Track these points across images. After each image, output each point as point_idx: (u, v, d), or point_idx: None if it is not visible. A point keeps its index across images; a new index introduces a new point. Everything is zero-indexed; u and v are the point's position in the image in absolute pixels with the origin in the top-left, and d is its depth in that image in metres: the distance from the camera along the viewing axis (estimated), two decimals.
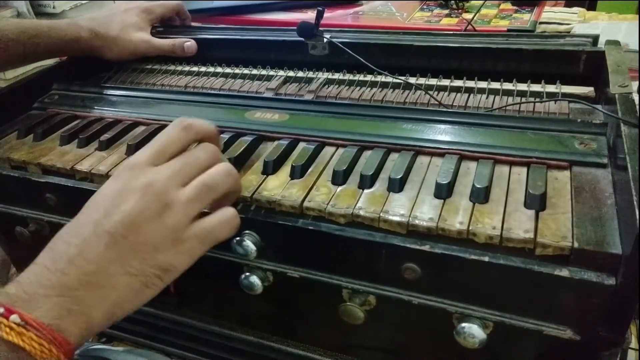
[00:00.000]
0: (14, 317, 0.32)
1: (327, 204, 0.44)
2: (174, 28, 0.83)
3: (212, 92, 0.67)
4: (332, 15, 1.03)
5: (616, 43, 0.61)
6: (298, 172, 0.48)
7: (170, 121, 0.58)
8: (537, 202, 0.41)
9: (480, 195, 0.42)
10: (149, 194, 0.38)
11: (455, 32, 0.74)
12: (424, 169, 0.47)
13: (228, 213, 0.41)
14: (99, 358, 0.56)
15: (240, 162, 0.51)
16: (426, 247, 0.41)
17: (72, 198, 0.54)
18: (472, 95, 0.60)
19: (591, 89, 0.58)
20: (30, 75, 0.72)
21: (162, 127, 0.58)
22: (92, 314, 0.35)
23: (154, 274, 0.37)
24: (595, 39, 0.63)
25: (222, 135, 0.55)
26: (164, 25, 0.83)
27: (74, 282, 0.35)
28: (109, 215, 0.37)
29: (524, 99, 0.57)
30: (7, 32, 0.67)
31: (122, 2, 0.79)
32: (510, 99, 0.58)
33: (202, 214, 0.40)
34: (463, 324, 0.42)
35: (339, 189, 0.46)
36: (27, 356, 0.32)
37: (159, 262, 0.37)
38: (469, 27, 0.87)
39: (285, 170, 0.49)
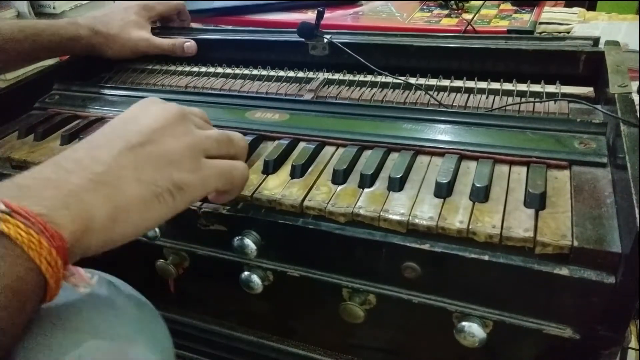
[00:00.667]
0: None
1: (327, 203, 0.44)
2: (174, 29, 0.83)
3: (213, 92, 0.67)
4: (332, 16, 1.04)
5: (616, 43, 0.61)
6: (298, 172, 0.48)
7: None
8: (537, 201, 0.41)
9: (480, 195, 0.42)
10: (171, 114, 0.38)
11: (455, 32, 0.75)
12: (424, 168, 0.47)
13: (242, 163, 0.43)
14: None
15: None
16: (426, 246, 0.41)
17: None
18: (472, 95, 0.60)
19: (591, 89, 0.58)
20: (31, 75, 0.73)
21: None
22: (93, 213, 0.31)
23: (167, 188, 0.35)
24: (595, 41, 0.63)
25: None
26: (164, 27, 0.84)
27: (77, 179, 0.32)
28: (127, 126, 0.36)
29: (523, 99, 0.57)
30: (5, 33, 0.67)
31: (122, 2, 0.79)
32: (510, 99, 0.58)
33: None
34: (463, 323, 0.42)
35: (339, 188, 0.46)
36: (12, 246, 0.28)
37: (173, 177, 0.36)
38: (469, 27, 0.88)
39: (286, 169, 0.49)
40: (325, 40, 0.69)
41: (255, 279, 0.49)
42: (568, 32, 0.95)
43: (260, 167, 0.50)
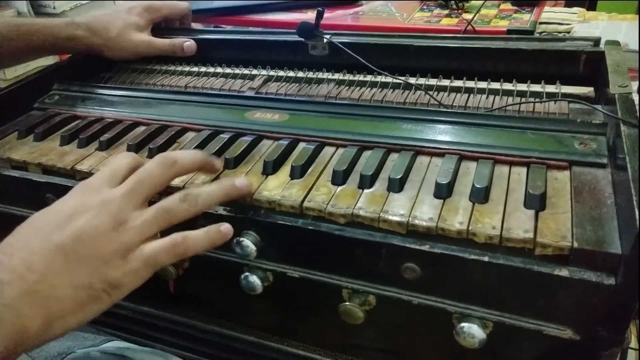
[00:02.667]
0: None
1: (327, 204, 0.44)
2: (173, 30, 0.83)
3: (212, 92, 0.67)
4: (332, 16, 1.03)
5: (616, 43, 0.61)
6: (298, 172, 0.48)
7: (170, 121, 0.59)
8: (537, 202, 0.41)
9: (480, 195, 0.42)
10: (105, 211, 0.38)
11: (455, 33, 0.75)
12: (424, 169, 0.47)
13: (175, 239, 0.40)
14: (118, 356, 0.56)
15: (240, 162, 0.51)
16: (426, 247, 0.41)
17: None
18: (472, 95, 0.60)
19: (591, 89, 0.58)
20: (31, 75, 0.72)
21: (162, 127, 0.59)
22: (27, 323, 0.33)
23: (102, 288, 0.36)
24: (596, 41, 0.62)
25: (222, 135, 0.55)
26: (165, 27, 0.83)
27: (11, 292, 0.33)
28: (61, 229, 0.36)
29: (523, 99, 0.57)
30: (1, 30, 0.67)
31: (123, 2, 0.78)
32: (510, 99, 0.58)
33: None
34: (463, 324, 0.42)
35: (339, 189, 0.46)
36: None
37: (108, 278, 0.37)
38: (469, 27, 0.87)
39: (285, 170, 0.49)
40: (325, 40, 0.69)
41: (255, 279, 0.49)
42: (568, 32, 0.95)
43: (259, 168, 0.50)
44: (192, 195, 0.42)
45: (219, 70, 0.73)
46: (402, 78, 0.63)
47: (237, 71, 0.72)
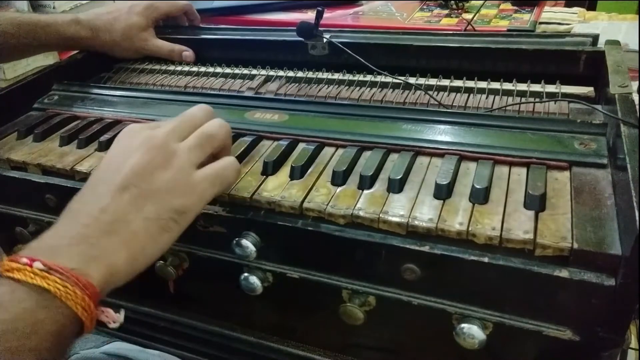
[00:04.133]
0: (37, 264, 0.33)
1: (327, 204, 0.44)
2: (178, 28, 0.83)
3: (212, 92, 0.67)
4: (332, 16, 1.03)
5: (616, 43, 0.61)
6: (298, 173, 0.48)
7: None
8: (537, 203, 0.41)
9: (480, 196, 0.42)
10: (152, 147, 0.41)
11: (455, 32, 0.74)
12: (424, 169, 0.47)
13: (230, 159, 0.45)
14: (119, 357, 0.56)
15: (240, 163, 0.51)
16: (426, 248, 0.41)
17: (72, 199, 0.54)
18: (471, 95, 0.59)
19: (591, 89, 0.58)
20: (30, 75, 0.72)
21: None
22: (114, 259, 0.36)
23: (170, 217, 0.39)
24: (595, 38, 0.63)
25: None
26: (171, 25, 0.83)
27: (94, 232, 0.36)
28: (118, 171, 0.39)
29: (523, 99, 0.57)
30: (3, 26, 0.67)
31: (126, 1, 0.78)
32: (510, 99, 0.58)
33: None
34: (463, 325, 0.42)
35: (339, 189, 0.46)
36: (52, 298, 0.33)
37: (173, 206, 0.39)
38: (469, 27, 0.87)
39: (285, 170, 0.49)
40: (325, 40, 0.69)
41: (255, 280, 0.49)
42: (568, 32, 0.95)
43: (259, 169, 0.50)
44: (226, 123, 0.46)
45: (219, 70, 0.73)
46: (402, 78, 0.63)
47: (237, 71, 0.72)
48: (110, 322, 0.38)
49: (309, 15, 1.02)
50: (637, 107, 0.47)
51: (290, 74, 0.68)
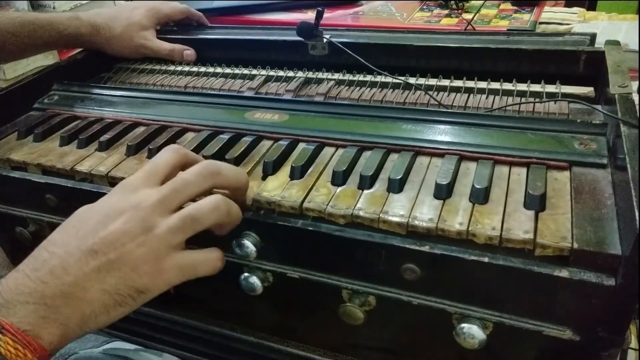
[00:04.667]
0: None
1: (327, 204, 0.44)
2: (179, 28, 0.83)
3: (212, 92, 0.67)
4: (332, 16, 1.03)
5: (616, 43, 0.61)
6: (298, 173, 0.48)
7: (170, 121, 0.59)
8: (537, 203, 0.41)
9: (480, 196, 0.42)
10: (135, 217, 0.38)
11: (455, 32, 0.75)
12: (424, 169, 0.47)
13: (213, 254, 0.43)
14: (119, 357, 0.56)
15: (240, 163, 0.51)
16: (426, 248, 0.41)
17: (72, 199, 0.54)
18: (471, 95, 0.60)
19: (591, 89, 0.58)
20: (30, 75, 0.72)
21: (162, 127, 0.59)
22: (66, 323, 0.36)
23: (128, 294, 0.38)
24: (593, 36, 0.63)
25: (221, 135, 0.55)
26: (173, 25, 0.83)
27: (51, 291, 0.36)
28: (96, 232, 0.38)
29: (523, 99, 0.57)
30: (4, 25, 0.67)
31: (123, 2, 0.79)
32: (510, 99, 0.58)
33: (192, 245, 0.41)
34: (463, 325, 0.42)
35: (339, 189, 0.46)
36: (3, 359, 0.33)
37: (135, 284, 0.38)
38: (469, 27, 0.87)
39: (285, 170, 0.49)
40: (325, 40, 0.69)
41: (255, 280, 0.49)
42: (568, 32, 0.95)
43: (259, 169, 0.50)
44: (224, 205, 0.41)
45: (219, 70, 0.73)
46: (402, 78, 0.63)
47: (237, 71, 0.72)
48: None
49: (309, 15, 1.02)
50: (637, 107, 0.47)
51: (291, 74, 0.68)
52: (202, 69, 0.74)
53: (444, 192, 0.43)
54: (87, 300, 0.37)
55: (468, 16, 0.94)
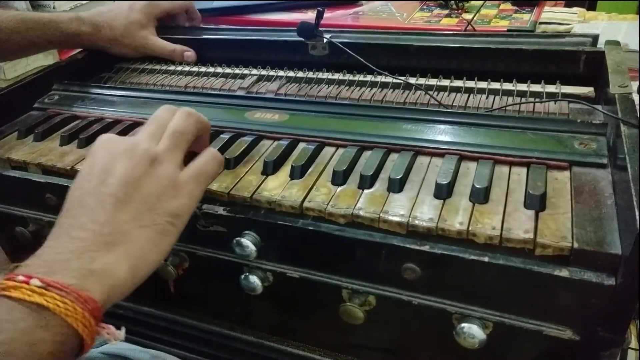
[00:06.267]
0: (34, 281, 0.32)
1: (327, 204, 0.44)
2: (179, 28, 0.83)
3: (212, 92, 0.67)
4: (332, 16, 1.03)
5: (616, 43, 0.61)
6: (298, 173, 0.48)
7: None
8: (537, 203, 0.41)
9: (480, 196, 0.42)
10: (136, 154, 0.40)
11: (455, 32, 0.75)
12: (424, 169, 0.47)
13: (209, 153, 0.45)
14: (119, 357, 0.56)
15: (240, 162, 0.51)
16: (426, 248, 0.41)
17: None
18: (472, 95, 0.60)
19: (591, 89, 0.58)
20: (30, 75, 0.72)
21: None
22: (114, 271, 0.35)
23: (166, 220, 0.39)
24: (594, 38, 0.63)
25: (222, 135, 0.55)
26: (171, 26, 0.83)
27: (91, 246, 0.35)
28: (106, 180, 0.39)
29: (523, 99, 0.57)
30: (6, 23, 0.67)
31: (124, 2, 0.79)
32: (510, 99, 0.58)
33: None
34: (463, 324, 0.42)
35: (339, 189, 0.46)
36: (51, 316, 0.32)
37: (166, 209, 0.39)
38: (469, 27, 0.87)
39: (285, 170, 0.49)
40: (325, 40, 0.69)
41: (255, 280, 0.49)
42: (568, 32, 0.95)
43: (259, 168, 0.50)
44: (193, 112, 0.45)
45: (219, 70, 0.73)
46: (402, 78, 0.63)
47: (237, 71, 0.72)
48: (111, 339, 0.36)
49: (309, 15, 1.02)
50: (637, 107, 0.47)
51: (291, 74, 0.68)
52: (203, 69, 0.74)
53: (444, 192, 0.43)
54: (130, 241, 0.37)
55: (468, 16, 0.94)
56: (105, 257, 0.35)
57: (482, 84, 0.61)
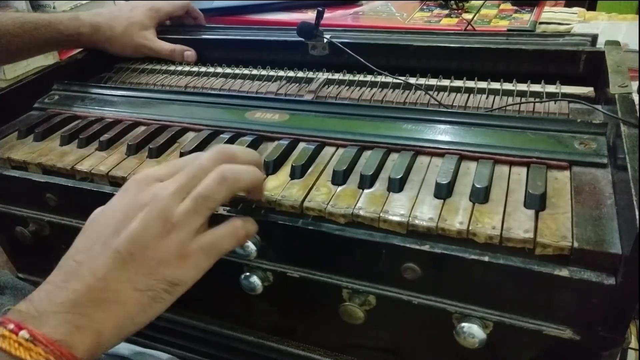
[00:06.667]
0: (23, 333, 0.33)
1: (327, 204, 0.44)
2: (180, 28, 0.83)
3: (212, 92, 0.67)
4: (332, 16, 1.03)
5: (616, 43, 0.61)
6: (298, 172, 0.48)
7: (170, 121, 0.59)
8: (537, 202, 0.41)
9: (480, 195, 0.42)
10: (153, 210, 0.38)
11: (455, 32, 0.75)
12: (424, 169, 0.47)
13: (233, 224, 0.41)
14: (118, 357, 0.56)
15: None
16: (426, 247, 0.41)
17: (72, 198, 0.54)
18: (472, 95, 0.60)
19: (591, 89, 0.58)
20: (31, 75, 0.72)
21: (162, 127, 0.59)
22: (101, 329, 0.35)
23: (162, 288, 0.37)
24: (594, 38, 0.63)
25: (222, 135, 0.55)
26: (174, 25, 0.83)
27: (82, 299, 0.35)
28: (117, 232, 0.37)
29: (523, 99, 0.57)
30: (6, 26, 0.68)
31: (123, 2, 0.79)
32: (510, 99, 0.58)
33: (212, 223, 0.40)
34: (463, 324, 0.42)
35: (339, 189, 0.46)
36: None
37: (166, 277, 0.37)
38: (469, 27, 0.87)
39: (285, 170, 0.49)
40: (325, 40, 0.69)
41: (255, 279, 0.49)
42: (568, 32, 0.95)
43: None
44: (230, 173, 0.40)
45: (219, 70, 0.73)
46: (402, 78, 0.63)
47: (237, 71, 0.72)
48: None
49: (309, 15, 1.02)
50: (637, 107, 0.47)
51: (291, 74, 0.68)
52: (203, 69, 0.74)
53: (444, 192, 0.43)
54: (121, 302, 0.36)
55: (468, 16, 0.94)
56: (94, 314, 0.35)
57: (482, 84, 0.61)
